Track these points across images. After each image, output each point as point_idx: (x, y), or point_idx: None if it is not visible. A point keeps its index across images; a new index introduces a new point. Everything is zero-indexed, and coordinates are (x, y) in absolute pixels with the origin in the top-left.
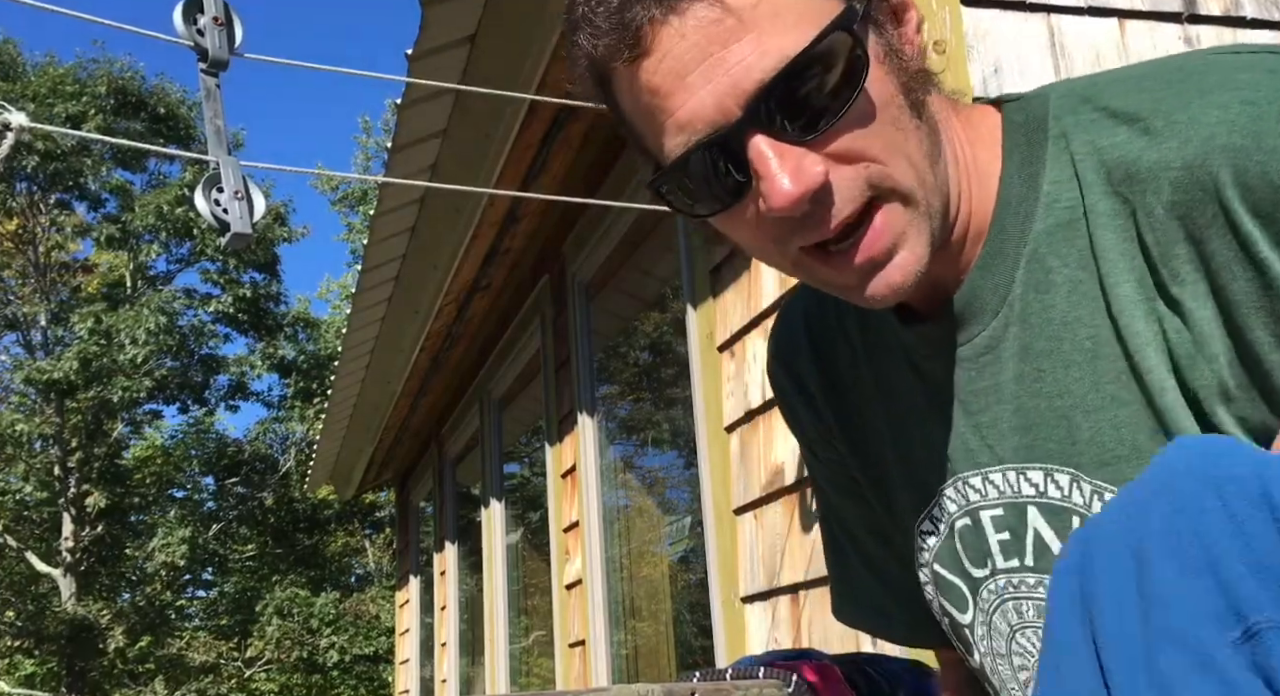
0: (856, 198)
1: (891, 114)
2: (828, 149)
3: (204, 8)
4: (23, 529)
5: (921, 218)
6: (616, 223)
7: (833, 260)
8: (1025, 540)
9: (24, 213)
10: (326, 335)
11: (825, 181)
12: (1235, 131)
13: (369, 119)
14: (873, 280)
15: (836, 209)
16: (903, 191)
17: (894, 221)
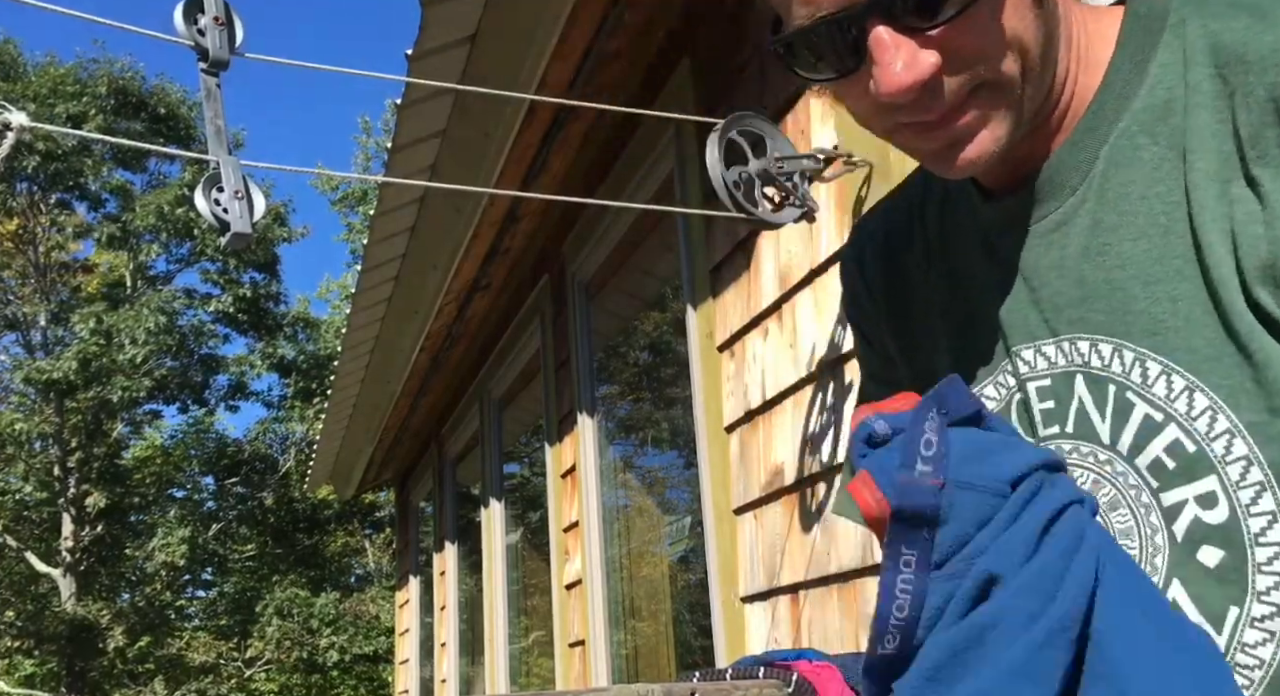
0: (961, 89)
1: (1014, 5)
2: (943, 41)
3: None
4: (22, 529)
5: (1013, 106)
6: (616, 223)
7: (923, 133)
8: (1069, 408)
9: (24, 213)
10: (326, 335)
11: (935, 75)
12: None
13: (369, 119)
14: (951, 155)
15: (940, 99)
16: (1003, 83)
17: (985, 108)
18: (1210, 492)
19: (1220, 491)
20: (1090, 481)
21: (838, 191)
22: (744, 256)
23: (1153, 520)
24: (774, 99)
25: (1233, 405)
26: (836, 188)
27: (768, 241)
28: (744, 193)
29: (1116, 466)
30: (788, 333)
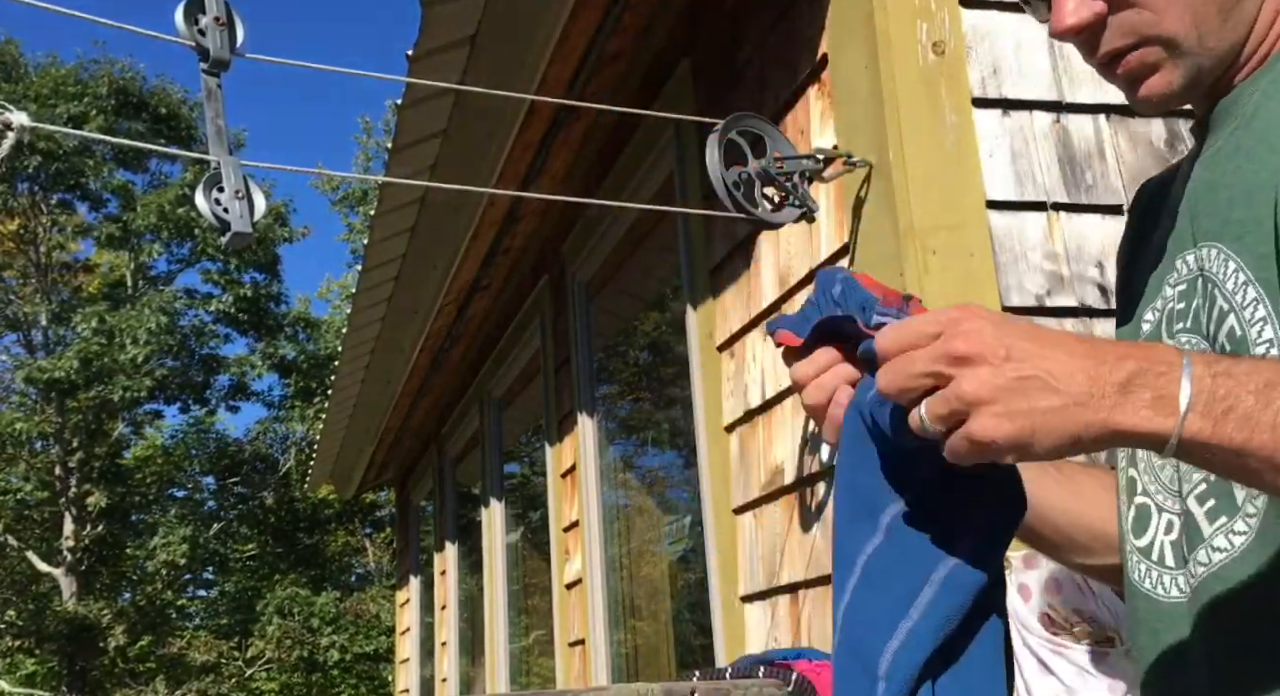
0: (1123, 38)
1: None
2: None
3: (205, 8)
4: (23, 528)
5: (1184, 58)
6: (616, 223)
7: (1104, 69)
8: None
9: (25, 213)
10: (327, 335)
11: (1094, 21)
12: None
13: (369, 119)
14: (1133, 89)
15: (1105, 42)
16: (1166, 38)
17: (1149, 58)
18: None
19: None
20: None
21: (837, 191)
22: (744, 257)
23: None
24: (773, 100)
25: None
26: (836, 188)
27: (767, 241)
28: (744, 193)
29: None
30: None
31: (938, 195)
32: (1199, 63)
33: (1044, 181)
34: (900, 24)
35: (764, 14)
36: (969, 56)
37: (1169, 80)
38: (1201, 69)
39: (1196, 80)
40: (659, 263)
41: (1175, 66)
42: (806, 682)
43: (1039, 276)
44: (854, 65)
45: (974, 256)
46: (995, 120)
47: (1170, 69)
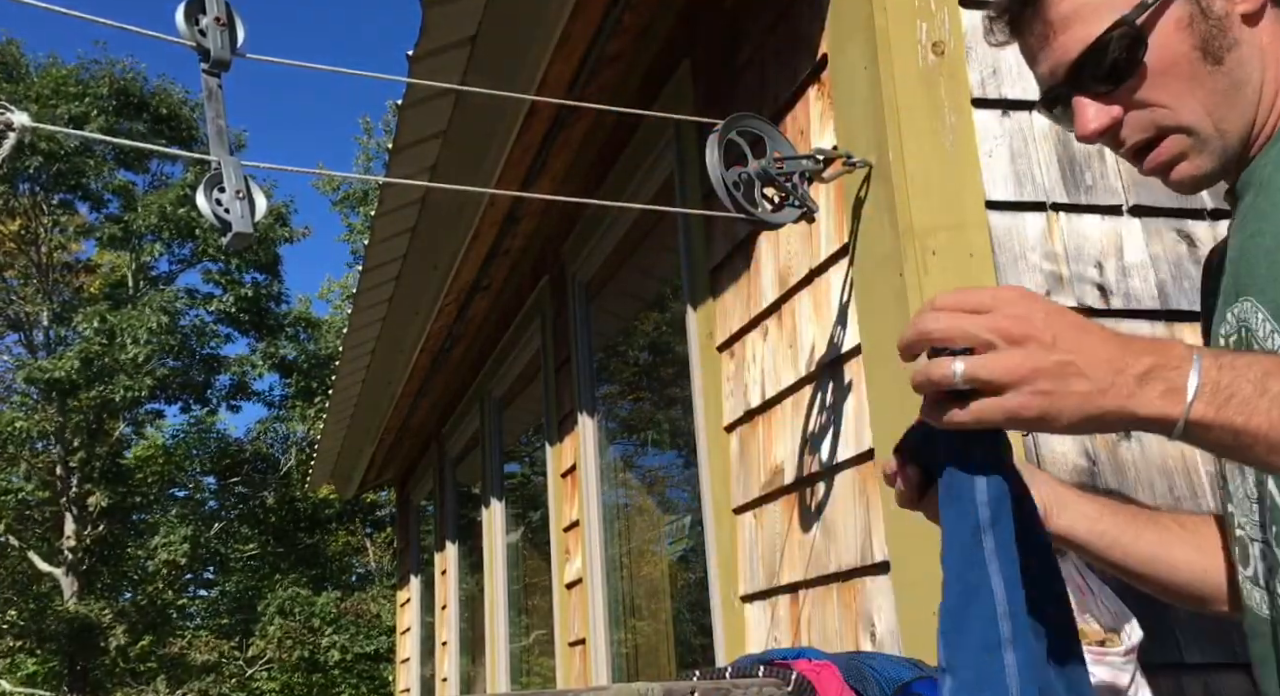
0: (1143, 132)
1: (1182, 69)
2: (1123, 98)
3: (206, 8)
4: (24, 528)
5: (1206, 143)
6: (616, 223)
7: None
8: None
9: (27, 213)
10: (327, 335)
11: (1114, 122)
12: None
13: (369, 119)
14: (1164, 175)
15: (1126, 138)
16: (1186, 127)
17: (1175, 147)
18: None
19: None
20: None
21: (837, 192)
22: (743, 257)
23: None
24: (773, 100)
25: None
26: (836, 188)
27: (767, 242)
28: (743, 193)
29: None
30: (787, 333)
31: (937, 195)
32: (1222, 146)
33: (1043, 182)
34: (900, 24)
35: (764, 14)
36: (969, 57)
37: (1198, 165)
38: (1226, 151)
39: (1224, 162)
40: (659, 263)
41: (1201, 153)
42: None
43: (1038, 276)
44: (854, 65)
45: (973, 256)
46: (995, 120)
47: (1197, 155)
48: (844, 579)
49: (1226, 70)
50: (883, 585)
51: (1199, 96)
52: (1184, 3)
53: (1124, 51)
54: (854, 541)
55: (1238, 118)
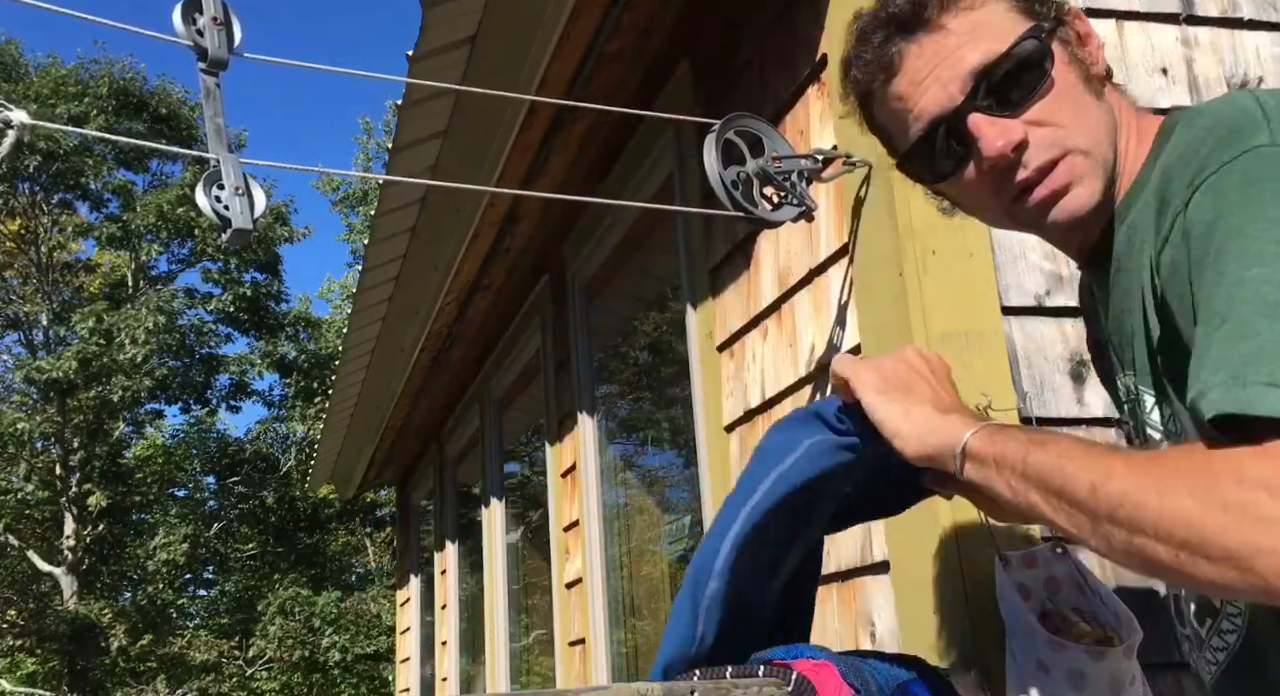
0: (1049, 151)
1: (1075, 97)
2: (1025, 117)
3: (203, 8)
4: (24, 528)
5: (1098, 167)
6: (616, 223)
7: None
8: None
9: (26, 213)
10: (327, 335)
11: (1025, 138)
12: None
13: (369, 120)
14: (1055, 208)
15: (1032, 156)
16: (1084, 148)
17: (1075, 167)
18: None
19: None
20: None
21: (836, 191)
22: (743, 257)
23: None
24: (773, 100)
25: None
26: (835, 188)
27: (767, 242)
28: (742, 192)
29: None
30: (787, 332)
31: None
32: (1105, 176)
33: None
34: None
35: (764, 14)
36: None
37: (1093, 190)
38: (1107, 180)
39: (1107, 190)
40: (659, 263)
41: (1094, 179)
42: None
43: (1038, 276)
44: None
45: (973, 256)
46: None
47: (1091, 179)
48: (844, 578)
49: (1106, 107)
50: (882, 584)
51: (1089, 123)
52: (1061, 46)
53: (1035, 63)
54: (853, 541)
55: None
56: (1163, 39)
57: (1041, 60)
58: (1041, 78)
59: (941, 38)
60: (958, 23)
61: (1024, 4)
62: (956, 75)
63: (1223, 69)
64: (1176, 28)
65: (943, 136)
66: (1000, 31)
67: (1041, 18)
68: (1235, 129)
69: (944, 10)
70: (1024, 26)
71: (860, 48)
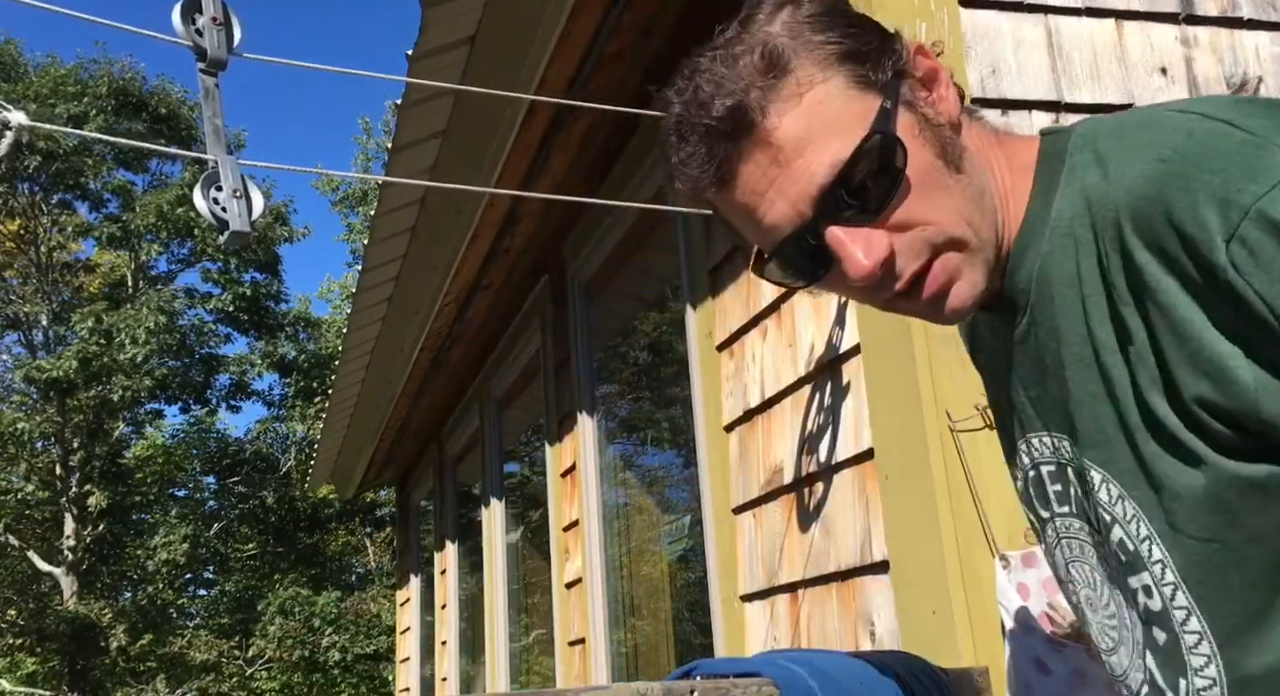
0: (919, 256)
1: (933, 179)
2: (888, 223)
3: (202, 8)
4: (24, 528)
5: (975, 254)
6: (616, 223)
7: (910, 298)
8: (1070, 493)
9: (26, 213)
10: (327, 334)
11: (891, 251)
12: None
13: (369, 120)
14: (939, 308)
15: (903, 268)
16: (956, 240)
17: (949, 265)
18: (1147, 585)
19: (1152, 586)
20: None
21: None
22: (743, 257)
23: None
24: None
25: (1147, 515)
26: None
27: None
28: None
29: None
30: (786, 332)
31: None
32: (985, 257)
33: None
34: (899, 24)
35: None
36: (968, 56)
37: (974, 281)
38: (989, 261)
39: (990, 272)
40: (659, 263)
41: (974, 266)
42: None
43: None
44: None
45: None
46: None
47: (971, 270)
48: (843, 578)
49: (968, 178)
50: (882, 584)
51: (955, 206)
52: (906, 112)
53: (887, 163)
54: (853, 541)
55: (989, 227)
56: (1162, 38)
57: (892, 157)
58: (897, 177)
59: (775, 148)
60: (789, 124)
61: (858, 71)
62: (803, 193)
63: (1222, 68)
64: (1176, 27)
65: (799, 251)
66: (841, 125)
67: (881, 85)
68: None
69: (768, 110)
70: (865, 107)
71: (680, 151)
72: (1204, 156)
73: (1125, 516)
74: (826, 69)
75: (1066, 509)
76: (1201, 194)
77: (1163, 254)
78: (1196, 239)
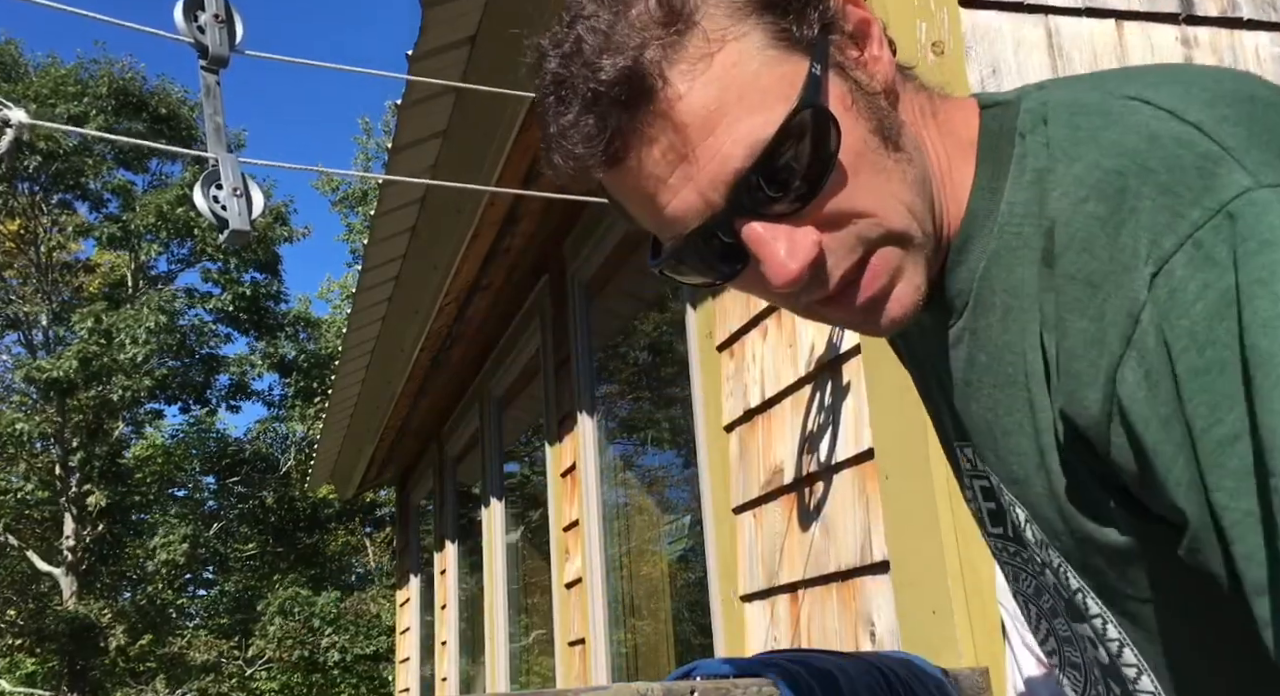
0: (852, 254)
1: (870, 160)
2: (816, 216)
3: (204, 5)
4: (24, 528)
5: (916, 251)
6: (616, 223)
7: (839, 303)
8: (1006, 514)
9: (26, 213)
10: (327, 334)
11: (820, 252)
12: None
13: (369, 120)
14: (874, 317)
15: (834, 268)
16: (896, 234)
17: (889, 261)
18: (1092, 637)
19: (1096, 638)
20: (1033, 587)
21: None
22: None
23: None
24: None
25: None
26: None
27: None
28: None
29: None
30: (786, 333)
31: None
32: (927, 252)
33: None
34: (900, 23)
35: None
36: (968, 56)
37: (916, 285)
38: (929, 261)
39: (929, 274)
40: None
41: (916, 265)
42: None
43: None
44: None
45: None
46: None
47: (913, 270)
48: (843, 578)
49: (908, 158)
50: (882, 584)
51: (895, 193)
52: (837, 77)
53: (818, 145)
54: (853, 541)
55: (930, 217)
56: (1162, 38)
57: (824, 137)
58: (828, 162)
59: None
60: (697, 94)
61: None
62: (714, 181)
63: None
64: (1176, 27)
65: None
66: (760, 95)
67: (807, 42)
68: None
69: (670, 75)
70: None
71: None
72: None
73: (1053, 563)
74: (741, 22)
75: (1000, 530)
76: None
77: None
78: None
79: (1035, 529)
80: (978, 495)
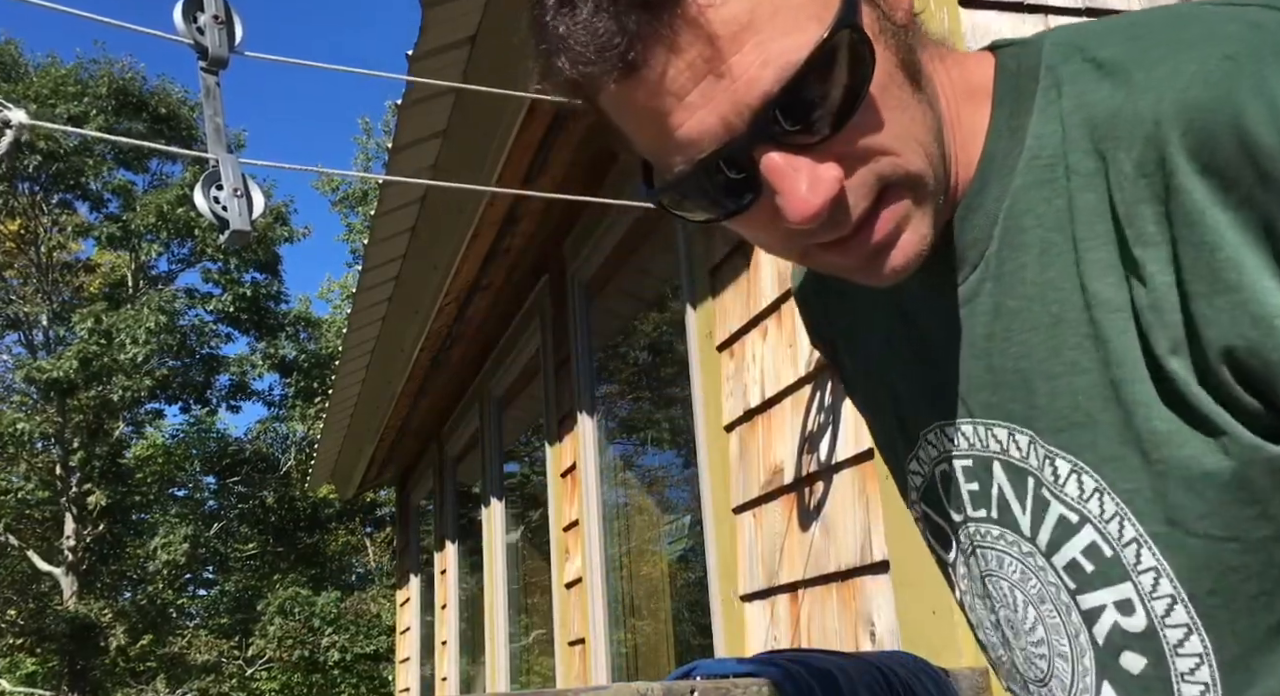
0: (870, 192)
1: (895, 96)
2: (839, 150)
3: (204, 6)
4: (24, 528)
5: (928, 198)
6: (616, 223)
7: (845, 247)
8: (991, 493)
9: (26, 213)
10: (327, 334)
11: (841, 188)
12: (1209, 85)
13: (369, 120)
14: (877, 264)
15: (852, 207)
16: (913, 176)
17: (900, 209)
18: (1127, 599)
19: (1136, 600)
20: (1018, 572)
21: None
22: (743, 257)
23: (1074, 619)
24: None
25: (1135, 512)
26: None
27: None
28: None
29: (1038, 560)
30: (786, 332)
31: None
32: (937, 202)
33: None
34: None
35: None
36: None
37: (923, 234)
38: (938, 209)
39: (936, 223)
40: (659, 263)
41: (924, 213)
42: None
43: None
44: None
45: None
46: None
47: (920, 218)
48: (843, 578)
49: (929, 98)
50: (882, 584)
51: (915, 134)
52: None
53: (854, 71)
54: (853, 541)
55: (941, 163)
56: None
57: (860, 64)
58: (860, 90)
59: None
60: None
61: None
62: (739, 103)
63: None
64: None
65: (720, 174)
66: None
67: None
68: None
69: None
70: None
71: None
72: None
73: (1103, 515)
74: None
75: (983, 513)
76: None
77: (1220, 178)
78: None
79: (1086, 479)
80: (955, 476)
